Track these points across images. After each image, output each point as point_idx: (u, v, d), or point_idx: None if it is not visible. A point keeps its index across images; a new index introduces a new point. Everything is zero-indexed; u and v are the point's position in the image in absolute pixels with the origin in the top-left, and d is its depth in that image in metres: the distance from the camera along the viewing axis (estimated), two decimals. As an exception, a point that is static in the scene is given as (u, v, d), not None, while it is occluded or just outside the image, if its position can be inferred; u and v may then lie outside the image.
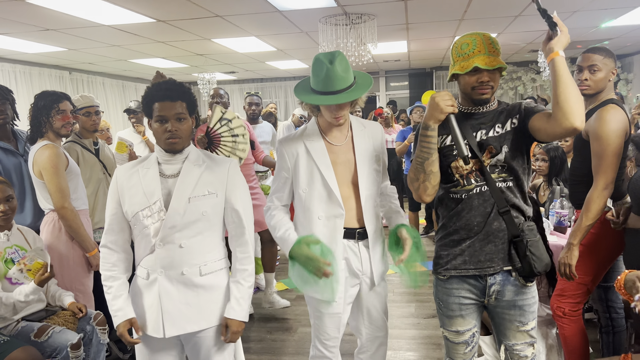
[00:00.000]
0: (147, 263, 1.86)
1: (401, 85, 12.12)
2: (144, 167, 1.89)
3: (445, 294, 1.96)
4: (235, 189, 1.93)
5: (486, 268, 1.87)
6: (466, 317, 1.94)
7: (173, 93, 1.79)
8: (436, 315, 3.83)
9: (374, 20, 5.90)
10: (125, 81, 10.69)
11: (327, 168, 2.04)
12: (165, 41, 6.86)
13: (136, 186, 1.85)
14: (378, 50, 8.34)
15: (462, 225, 1.88)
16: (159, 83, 1.83)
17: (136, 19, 5.49)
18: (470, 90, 1.82)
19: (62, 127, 2.80)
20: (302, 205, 2.09)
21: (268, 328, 3.78)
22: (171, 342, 1.92)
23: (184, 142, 1.84)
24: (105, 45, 7.00)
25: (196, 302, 1.87)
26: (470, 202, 1.86)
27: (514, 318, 1.92)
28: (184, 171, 1.87)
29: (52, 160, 2.69)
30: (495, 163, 1.85)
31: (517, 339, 1.95)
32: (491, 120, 1.88)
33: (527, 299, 1.91)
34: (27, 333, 2.38)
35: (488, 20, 6.42)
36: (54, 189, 2.69)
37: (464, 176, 1.87)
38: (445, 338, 2.03)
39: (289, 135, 2.14)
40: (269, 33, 6.68)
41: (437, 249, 1.99)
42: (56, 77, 8.70)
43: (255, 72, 11.11)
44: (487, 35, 1.81)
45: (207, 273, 1.88)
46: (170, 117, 1.79)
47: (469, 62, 1.78)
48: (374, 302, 2.20)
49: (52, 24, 5.56)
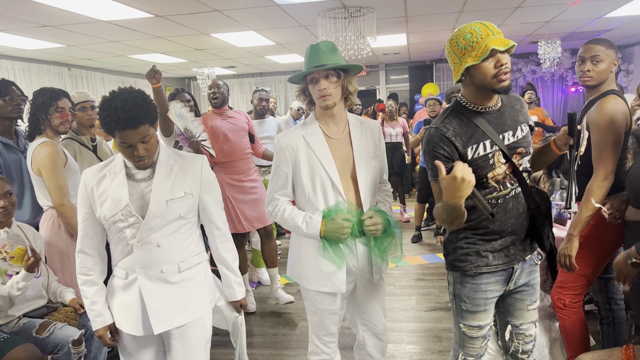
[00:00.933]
0: (125, 264, 1.86)
1: (401, 78, 12.08)
2: (111, 171, 1.84)
3: (473, 290, 1.90)
4: (209, 188, 1.95)
5: (513, 261, 1.90)
6: (488, 311, 1.95)
7: (134, 121, 1.64)
8: (437, 308, 3.84)
9: (373, 13, 5.87)
10: (124, 77, 10.67)
11: (328, 160, 2.04)
12: (164, 36, 6.84)
13: (105, 192, 1.81)
14: (377, 44, 8.31)
15: (495, 228, 1.85)
16: (114, 107, 1.63)
17: (134, 15, 5.47)
18: (491, 79, 1.68)
19: (61, 125, 2.80)
20: (304, 199, 2.08)
21: (270, 322, 3.79)
22: (151, 338, 1.93)
23: (152, 156, 1.79)
24: (104, 41, 6.98)
25: (178, 297, 1.88)
26: (505, 206, 1.83)
27: (526, 297, 1.97)
28: (158, 175, 1.84)
29: (51, 157, 2.68)
30: (526, 165, 1.86)
31: (525, 319, 2.00)
32: (513, 120, 1.84)
33: (535, 278, 1.98)
34: (29, 329, 2.39)
35: (488, 12, 6.39)
36: (52, 187, 2.69)
37: (500, 182, 1.81)
38: (462, 333, 1.97)
39: (287, 131, 2.13)
40: (267, 27, 6.66)
41: (463, 246, 1.89)
42: (55, 74, 8.68)
43: (255, 67, 11.08)
44: (484, 22, 1.72)
45: (186, 269, 1.90)
46: (135, 143, 1.70)
47: (482, 48, 1.65)
48: (371, 299, 2.20)
49: (51, 20, 5.55)
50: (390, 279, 4.57)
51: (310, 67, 1.99)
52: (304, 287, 2.16)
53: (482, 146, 1.77)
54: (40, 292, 2.58)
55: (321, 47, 2.00)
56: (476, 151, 1.76)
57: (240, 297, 2.08)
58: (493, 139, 1.77)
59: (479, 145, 1.76)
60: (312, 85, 2.02)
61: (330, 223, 1.98)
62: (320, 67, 1.96)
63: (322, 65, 1.96)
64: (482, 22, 1.72)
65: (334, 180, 2.03)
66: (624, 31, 8.52)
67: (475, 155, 1.76)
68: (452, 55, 1.75)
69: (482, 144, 1.77)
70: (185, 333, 1.91)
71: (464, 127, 1.77)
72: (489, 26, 1.69)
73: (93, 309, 1.86)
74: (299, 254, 2.15)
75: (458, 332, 2.00)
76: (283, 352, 3.31)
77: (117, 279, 1.89)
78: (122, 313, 1.87)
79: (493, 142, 1.77)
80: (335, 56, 2.00)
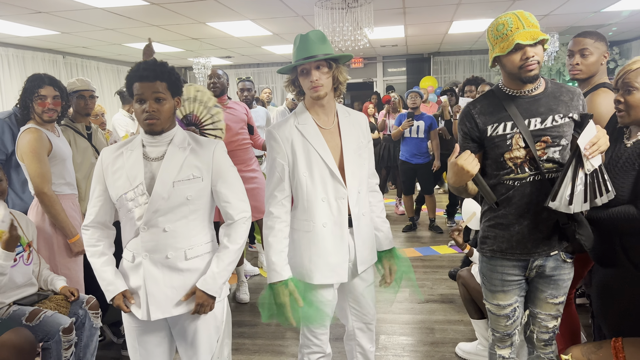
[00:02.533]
0: (132, 246, 1.86)
1: (399, 71, 12.05)
2: (128, 149, 1.87)
3: (489, 269, 2.00)
4: (222, 172, 1.90)
5: (532, 254, 1.91)
6: (508, 292, 1.98)
7: (151, 73, 1.76)
8: (430, 300, 3.86)
9: (371, 4, 5.83)
10: (119, 65, 10.60)
11: (324, 149, 2.02)
12: (160, 25, 6.78)
13: (120, 169, 1.84)
14: (375, 35, 8.27)
15: (511, 211, 1.89)
16: (139, 63, 1.80)
17: (129, 2, 5.41)
18: (518, 70, 1.79)
19: (43, 113, 2.73)
20: (303, 190, 2.04)
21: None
22: (158, 324, 1.92)
23: (163, 123, 1.81)
24: (99, 29, 6.92)
25: (182, 286, 1.86)
26: (522, 190, 1.86)
27: (547, 289, 1.98)
28: (168, 154, 1.84)
29: (32, 144, 2.65)
30: (552, 155, 1.84)
31: (544, 309, 2.01)
32: (547, 108, 1.84)
33: (563, 274, 1.97)
34: (19, 317, 2.37)
35: (486, 4, 6.36)
36: (33, 174, 2.66)
37: (517, 165, 1.85)
38: (488, 310, 2.09)
39: (279, 122, 2.10)
40: (264, 17, 6.61)
41: (484, 229, 2.01)
42: (50, 61, 8.60)
43: (251, 57, 11.02)
44: (522, 12, 1.78)
45: (192, 257, 1.87)
46: (148, 97, 1.76)
47: (509, 41, 1.75)
48: (360, 289, 2.18)
49: (45, 7, 5.48)
50: (384, 270, 4.57)
51: (300, 57, 1.96)
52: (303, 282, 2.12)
53: (502, 126, 1.86)
54: (30, 279, 2.56)
55: (311, 37, 1.96)
56: (495, 130, 1.86)
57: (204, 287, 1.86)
58: (516, 122, 1.83)
59: (500, 125, 1.86)
60: (302, 77, 2.00)
61: (278, 290, 1.95)
62: (311, 58, 1.93)
63: (313, 56, 1.94)
64: (518, 12, 1.78)
65: (332, 169, 2.01)
66: (622, 26, 8.50)
67: (494, 134, 1.86)
68: (488, 42, 1.87)
69: (503, 124, 1.85)
70: (192, 321, 1.90)
71: (491, 107, 1.89)
72: (522, 18, 1.76)
73: (104, 279, 1.85)
74: (298, 250, 2.10)
75: (487, 310, 2.11)
76: (275, 342, 3.31)
77: (125, 261, 1.90)
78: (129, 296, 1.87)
79: (515, 125, 1.84)
80: (325, 46, 1.97)
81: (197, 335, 1.92)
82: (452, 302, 3.81)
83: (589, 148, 1.67)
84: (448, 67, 11.68)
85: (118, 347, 3.22)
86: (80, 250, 2.80)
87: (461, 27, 7.98)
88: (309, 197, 2.04)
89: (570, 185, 1.73)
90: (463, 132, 1.94)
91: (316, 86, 1.97)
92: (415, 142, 5.66)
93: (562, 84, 1.91)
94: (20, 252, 2.50)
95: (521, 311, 2.05)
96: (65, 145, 2.90)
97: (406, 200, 5.98)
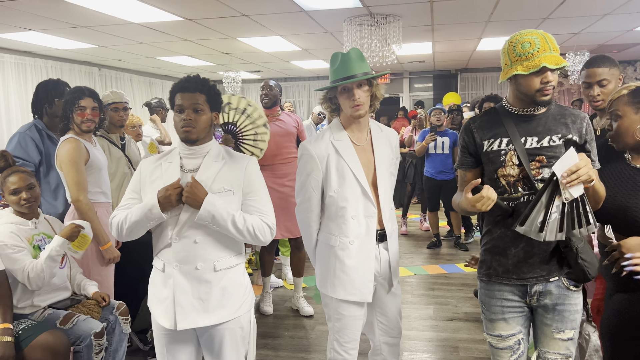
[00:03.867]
0: (163, 256, 1.91)
1: (425, 87, 12.04)
2: (167, 160, 1.94)
3: (488, 296, 1.91)
4: (252, 187, 1.94)
5: (529, 279, 1.83)
6: (510, 321, 1.87)
7: (192, 85, 1.86)
8: (455, 318, 3.82)
9: (399, 21, 5.89)
10: (152, 78, 10.87)
11: (357, 167, 2.05)
12: (193, 39, 6.96)
13: (158, 179, 1.90)
14: (402, 51, 8.31)
15: (507, 232, 1.83)
16: (183, 77, 1.91)
17: (165, 17, 5.58)
18: (535, 92, 1.74)
19: (82, 123, 2.84)
20: (334, 206, 2.08)
21: (286, 325, 3.81)
22: (187, 333, 1.96)
23: (198, 132, 1.87)
24: (134, 43, 7.14)
25: (209, 297, 1.90)
26: (517, 211, 1.79)
27: (552, 322, 1.85)
28: (203, 166, 1.90)
29: (70, 154, 2.76)
30: (547, 176, 1.78)
31: (551, 347, 1.86)
32: (545, 128, 1.81)
33: (568, 304, 1.84)
34: (53, 320, 2.46)
35: (515, 22, 6.35)
36: (70, 182, 2.76)
37: (510, 184, 1.81)
38: (489, 344, 1.96)
39: (315, 138, 2.13)
40: (294, 33, 6.72)
41: (482, 253, 1.95)
42: (86, 73, 8.90)
43: (279, 71, 11.17)
44: (547, 34, 1.74)
45: (221, 268, 1.91)
46: (187, 107, 1.84)
47: (534, 61, 1.69)
48: (390, 304, 2.20)
49: (84, 21, 5.70)
50: (407, 287, 4.55)
51: (341, 76, 1.99)
52: (328, 295, 2.16)
53: (498, 142, 1.83)
54: (64, 282, 2.65)
55: (352, 56, 2.00)
56: (491, 145, 1.84)
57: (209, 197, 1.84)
58: (512, 138, 1.81)
59: (496, 141, 1.84)
60: (343, 95, 2.03)
61: None
62: (353, 77, 1.97)
63: (354, 75, 1.98)
64: (545, 34, 1.73)
65: (364, 186, 2.04)
66: (655, 45, 8.35)
67: (490, 149, 1.84)
68: (505, 56, 1.80)
69: (499, 140, 1.83)
70: (219, 332, 1.94)
71: (490, 123, 1.87)
72: (549, 41, 1.71)
73: (139, 207, 1.86)
74: (326, 263, 2.14)
75: (487, 344, 1.98)
76: (299, 354, 3.33)
77: (156, 270, 1.95)
78: (158, 305, 1.92)
79: (510, 142, 1.81)
80: (364, 64, 2.02)
81: (223, 346, 1.96)
82: (476, 320, 3.77)
83: (566, 176, 1.61)
84: (475, 84, 11.62)
85: (145, 354, 3.28)
86: (112, 257, 2.89)
87: (489, 44, 7.95)
88: (339, 214, 2.07)
89: (543, 212, 1.65)
90: (462, 146, 1.93)
91: (358, 104, 2.01)
92: (440, 158, 5.68)
93: (568, 107, 1.87)
94: None
95: (526, 346, 1.92)
96: (102, 155, 3.01)
97: (431, 217, 5.98)
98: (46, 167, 3.06)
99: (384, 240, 2.12)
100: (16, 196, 2.47)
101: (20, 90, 7.51)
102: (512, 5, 5.47)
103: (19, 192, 2.47)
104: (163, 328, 1.94)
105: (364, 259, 2.07)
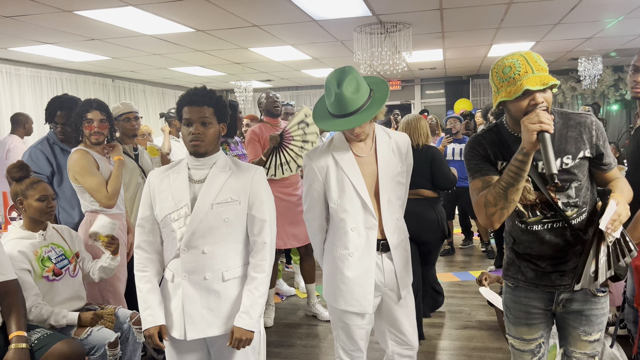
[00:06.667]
0: (172, 266, 1.93)
1: (437, 94, 12.02)
2: (174, 171, 1.96)
3: (513, 301, 1.90)
4: (258, 197, 1.94)
5: (557, 286, 1.80)
6: (532, 326, 1.87)
7: (200, 98, 1.87)
8: (468, 327, 3.78)
9: (409, 29, 5.90)
10: (165, 88, 11.00)
11: (358, 179, 2.05)
12: (204, 50, 7.04)
13: (166, 190, 1.92)
14: (413, 59, 8.31)
15: (533, 252, 1.80)
16: (190, 89, 1.92)
17: (177, 29, 5.66)
18: (524, 116, 1.60)
19: (90, 136, 2.88)
20: (334, 218, 2.10)
21: (298, 334, 3.80)
22: (197, 343, 1.97)
23: (207, 145, 1.89)
24: (147, 54, 7.24)
25: (218, 307, 1.91)
26: (540, 236, 1.76)
27: (579, 326, 1.83)
28: (210, 177, 1.92)
29: (79, 162, 2.80)
30: (567, 200, 1.72)
31: (578, 347, 1.86)
32: (555, 149, 1.65)
33: (595, 309, 1.82)
34: (68, 330, 2.48)
35: (526, 28, 6.32)
36: (90, 188, 2.79)
37: (527, 207, 1.74)
38: (510, 345, 1.97)
39: (315, 149, 2.14)
40: (304, 42, 6.77)
41: (509, 255, 1.90)
42: (100, 85, 9.03)
43: (291, 80, 11.23)
44: (530, 53, 1.63)
45: (229, 278, 1.92)
46: (195, 121, 1.85)
47: (517, 85, 1.59)
48: (400, 316, 2.18)
49: (97, 34, 5.80)
50: (420, 295, 4.52)
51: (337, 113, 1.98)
52: (331, 305, 2.17)
53: None
54: (77, 291, 2.67)
55: (345, 95, 1.92)
56: (504, 167, 1.73)
57: (241, 324, 1.88)
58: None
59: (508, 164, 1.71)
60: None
61: None
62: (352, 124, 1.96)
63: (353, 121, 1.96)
64: (527, 54, 1.63)
65: (364, 199, 2.04)
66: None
67: (503, 170, 1.74)
68: (492, 82, 1.73)
69: None
70: (229, 342, 1.94)
71: (499, 144, 1.78)
72: (530, 61, 1.61)
73: (145, 307, 1.90)
74: (330, 273, 2.16)
75: (509, 345, 1.98)
76: (311, 364, 3.32)
77: (165, 280, 1.97)
78: (168, 316, 1.94)
79: None
80: (360, 95, 1.95)
81: (234, 356, 1.96)
82: (490, 329, 3.73)
83: (610, 226, 1.55)
84: (487, 90, 11.56)
85: (158, 363, 3.30)
86: None
87: (501, 50, 7.93)
88: (340, 225, 2.07)
89: (593, 263, 1.62)
90: (479, 157, 1.79)
91: (358, 134, 2.03)
92: (458, 165, 5.60)
93: (571, 113, 1.76)
94: (66, 265, 2.62)
95: (546, 349, 1.93)
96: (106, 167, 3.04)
97: None
98: (60, 177, 3.10)
99: (387, 250, 2.11)
100: (43, 202, 2.53)
101: (37, 103, 7.64)
102: (523, 11, 5.45)
103: (45, 199, 2.53)
104: (173, 338, 1.95)
105: (364, 271, 2.06)
